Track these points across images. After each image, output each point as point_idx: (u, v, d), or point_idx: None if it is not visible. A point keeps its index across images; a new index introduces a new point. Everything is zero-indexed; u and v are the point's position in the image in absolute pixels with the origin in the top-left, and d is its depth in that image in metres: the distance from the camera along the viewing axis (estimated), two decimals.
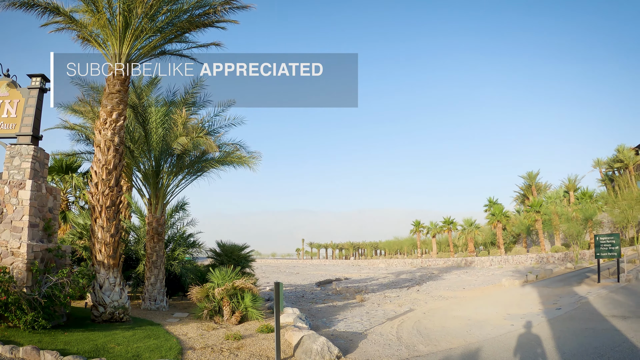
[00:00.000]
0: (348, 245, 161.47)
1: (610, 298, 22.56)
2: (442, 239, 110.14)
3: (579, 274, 36.12)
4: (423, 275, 53.57)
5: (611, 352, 12.57)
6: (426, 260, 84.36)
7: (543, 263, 57.38)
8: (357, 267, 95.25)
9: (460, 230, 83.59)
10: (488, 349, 14.13)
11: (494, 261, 66.41)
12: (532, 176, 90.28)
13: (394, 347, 14.81)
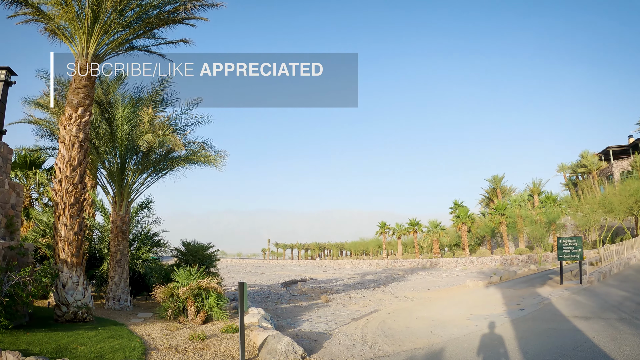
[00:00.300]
0: (314, 245, 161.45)
1: (572, 299, 22.90)
2: (408, 241, 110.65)
3: (542, 276, 36.59)
4: (388, 276, 53.76)
5: (573, 352, 12.73)
6: (392, 261, 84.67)
7: (507, 265, 58.05)
8: (322, 267, 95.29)
9: (426, 232, 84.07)
10: (452, 349, 14.22)
11: (458, 262, 67.04)
12: (498, 179, 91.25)
13: (358, 347, 14.83)
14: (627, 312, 18.02)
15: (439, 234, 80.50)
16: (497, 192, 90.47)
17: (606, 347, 12.89)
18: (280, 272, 74.51)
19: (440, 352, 13.81)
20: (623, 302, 20.71)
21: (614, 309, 19.07)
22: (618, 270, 33.08)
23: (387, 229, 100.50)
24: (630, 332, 14.44)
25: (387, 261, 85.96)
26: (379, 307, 25.14)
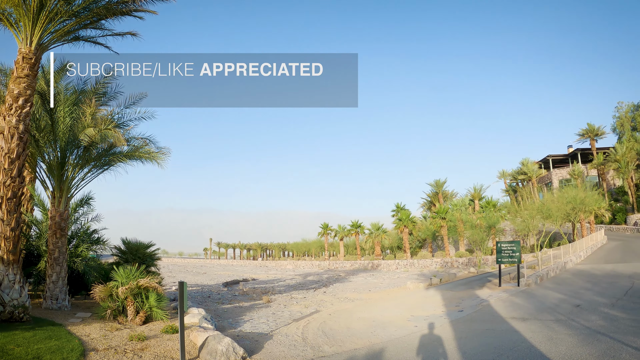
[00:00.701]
0: (256, 245, 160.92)
1: (510, 301, 23.30)
2: (350, 242, 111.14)
3: (482, 278, 37.20)
4: (330, 278, 53.91)
5: (510, 352, 12.96)
6: (333, 262, 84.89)
7: (447, 267, 58.76)
8: (264, 268, 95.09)
9: (368, 234, 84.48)
10: (391, 349, 14.34)
11: (400, 265, 67.57)
12: (440, 184, 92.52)
13: (299, 347, 14.85)
14: (563, 314, 18.43)
15: (381, 236, 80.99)
16: (439, 196, 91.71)
17: (542, 347, 13.17)
18: (221, 272, 74.01)
19: (380, 353, 13.91)
20: (559, 304, 21.17)
21: (550, 311, 19.48)
22: (555, 274, 33.79)
23: (330, 231, 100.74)
24: (566, 333, 14.78)
25: (329, 262, 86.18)
26: (320, 308, 25.20)
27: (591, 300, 21.64)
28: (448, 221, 68.31)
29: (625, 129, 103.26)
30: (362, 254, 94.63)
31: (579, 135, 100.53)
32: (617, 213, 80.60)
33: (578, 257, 42.75)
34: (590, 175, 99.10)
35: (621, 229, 75.54)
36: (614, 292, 23.47)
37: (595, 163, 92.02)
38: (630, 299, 20.75)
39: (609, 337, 13.71)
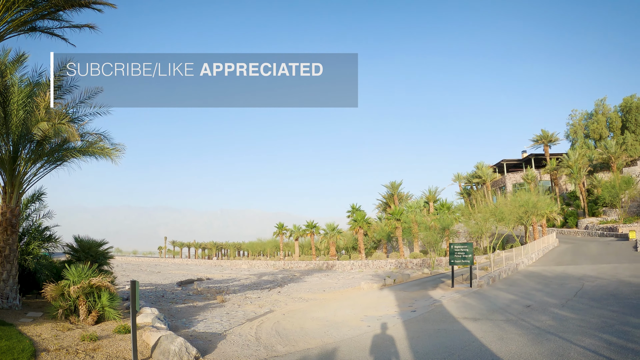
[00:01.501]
0: (211, 245, 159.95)
1: (462, 302, 23.62)
2: (305, 242, 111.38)
3: (435, 279, 37.57)
4: (285, 278, 53.92)
5: (461, 351, 13.16)
6: (289, 262, 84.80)
7: (402, 268, 59.22)
8: (219, 267, 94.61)
9: (323, 234, 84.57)
10: (344, 348, 14.44)
11: (354, 265, 67.83)
12: (395, 186, 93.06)
13: (252, 347, 14.86)
14: (514, 314, 18.74)
15: (336, 236, 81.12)
16: (394, 198, 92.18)
17: (493, 347, 13.39)
18: (176, 272, 73.51)
19: (333, 352, 14.00)
20: (510, 304, 21.51)
21: (501, 311, 19.80)
22: (507, 275, 34.28)
23: (285, 230, 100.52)
24: (516, 333, 15.04)
25: (284, 262, 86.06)
26: (275, 308, 25.22)
27: (542, 301, 22.04)
28: (403, 223, 68.70)
29: (579, 136, 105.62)
30: (317, 254, 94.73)
31: (533, 141, 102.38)
32: (569, 217, 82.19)
33: (530, 259, 43.42)
34: (543, 180, 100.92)
35: (572, 232, 77.02)
36: (564, 293, 23.92)
37: (548, 168, 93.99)
38: (579, 300, 21.17)
39: (558, 337, 13.99)
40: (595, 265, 36.14)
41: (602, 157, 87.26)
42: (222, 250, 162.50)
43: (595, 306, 19.24)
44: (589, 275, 30.42)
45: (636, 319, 15.80)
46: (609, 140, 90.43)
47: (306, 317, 21.67)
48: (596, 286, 25.40)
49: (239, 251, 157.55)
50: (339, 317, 21.31)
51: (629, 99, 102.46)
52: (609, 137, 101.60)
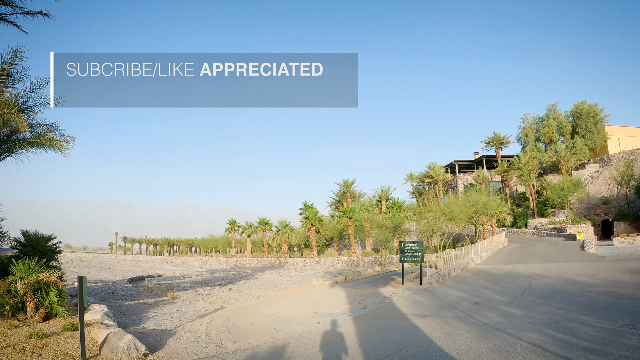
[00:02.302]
0: (163, 241, 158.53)
1: (412, 299, 23.85)
2: (258, 239, 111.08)
3: (386, 277, 37.83)
4: (237, 274, 53.65)
5: (409, 347, 13.28)
6: (241, 259, 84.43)
7: (353, 266, 59.35)
8: (171, 264, 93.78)
9: (275, 231, 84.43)
10: (294, 345, 14.45)
11: (306, 262, 67.81)
12: (348, 184, 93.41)
13: (202, 344, 14.76)
14: (463, 311, 18.99)
15: (288, 234, 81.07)
16: (347, 196, 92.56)
17: (441, 342, 13.55)
18: (127, 268, 72.61)
19: (282, 348, 14.00)
20: (459, 301, 21.79)
21: (450, 308, 20.05)
22: (457, 273, 34.70)
23: (237, 227, 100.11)
24: (464, 329, 15.24)
25: (236, 259, 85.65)
26: (225, 305, 25.07)
27: (490, 298, 22.38)
28: (355, 221, 68.87)
29: (530, 140, 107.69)
30: (269, 251, 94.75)
31: (485, 143, 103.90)
32: (519, 217, 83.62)
33: (479, 258, 44.06)
34: (494, 181, 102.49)
35: (522, 232, 78.31)
36: (512, 290, 24.34)
37: (499, 170, 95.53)
38: (526, 297, 21.56)
39: (505, 333, 14.23)
40: (544, 264, 36.82)
41: (552, 160, 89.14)
42: (174, 246, 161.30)
43: (542, 303, 19.63)
44: (537, 274, 30.98)
45: (581, 315, 16.16)
46: (559, 144, 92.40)
47: (257, 313, 21.61)
48: (543, 284, 25.90)
49: (191, 248, 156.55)
50: (290, 313, 21.30)
51: (579, 104, 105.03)
52: (559, 141, 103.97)
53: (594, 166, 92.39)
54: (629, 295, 19.72)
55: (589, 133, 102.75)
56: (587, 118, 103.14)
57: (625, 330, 13.22)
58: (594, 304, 18.32)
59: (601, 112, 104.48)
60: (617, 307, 17.13)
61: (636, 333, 12.80)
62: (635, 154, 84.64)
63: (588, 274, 29.17)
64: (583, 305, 18.39)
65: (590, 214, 76.76)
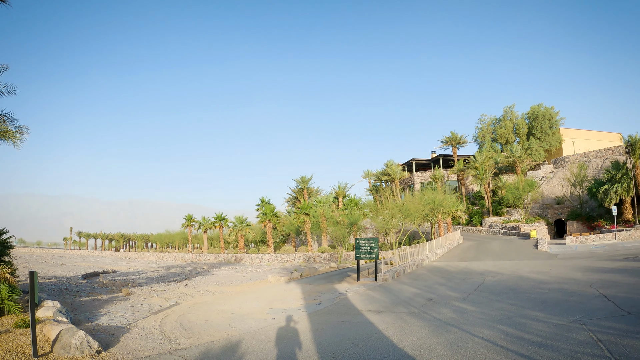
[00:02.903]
0: (118, 236, 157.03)
1: (367, 295, 24.03)
2: (214, 235, 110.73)
3: (341, 273, 38.07)
4: (193, 270, 53.45)
5: (363, 342, 13.38)
6: (197, 255, 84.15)
7: (310, 262, 59.47)
8: (126, 259, 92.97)
9: (232, 227, 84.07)
10: (248, 340, 14.45)
11: (263, 258, 67.92)
12: (305, 180, 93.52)
13: (156, 340, 14.67)
14: (417, 307, 19.18)
15: (245, 229, 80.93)
16: (304, 193, 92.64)
17: (394, 338, 13.67)
18: (81, 264, 71.71)
19: (237, 344, 13.98)
20: (414, 297, 22.00)
21: (405, 304, 20.22)
22: (412, 270, 34.97)
23: (194, 222, 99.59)
24: (417, 324, 15.39)
25: (193, 255, 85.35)
26: (181, 301, 24.94)
27: (444, 294, 22.63)
28: (311, 217, 69.07)
29: (486, 140, 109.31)
30: (226, 247, 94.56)
31: (443, 142, 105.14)
32: (474, 216, 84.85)
33: (435, 255, 44.53)
34: (450, 180, 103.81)
35: (477, 230, 79.38)
36: (466, 287, 24.65)
37: (455, 169, 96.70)
38: (480, 294, 21.85)
39: (457, 328, 14.41)
40: (498, 262, 37.37)
41: (508, 161, 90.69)
42: (129, 241, 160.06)
43: (495, 299, 19.92)
44: (491, 271, 31.43)
45: (533, 311, 16.43)
46: (515, 145, 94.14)
47: (212, 309, 21.54)
48: (497, 281, 26.28)
49: (147, 243, 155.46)
50: (245, 309, 21.28)
51: (536, 107, 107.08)
52: (515, 142, 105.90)
53: (548, 167, 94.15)
54: (579, 292, 20.11)
55: (545, 135, 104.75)
56: (543, 120, 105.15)
57: (575, 326, 13.49)
58: (545, 301, 18.65)
59: (557, 115, 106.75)
60: (568, 304, 17.46)
61: (586, 329, 13.07)
62: (589, 156, 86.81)
63: (541, 271, 29.67)
64: (535, 301, 18.71)
65: (544, 213, 78.24)
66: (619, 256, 34.63)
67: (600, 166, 79.44)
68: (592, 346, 11.33)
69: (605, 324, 13.44)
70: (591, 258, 35.18)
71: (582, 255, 38.13)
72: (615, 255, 35.89)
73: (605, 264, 30.21)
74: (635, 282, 21.60)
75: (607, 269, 27.87)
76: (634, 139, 58.79)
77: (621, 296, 18.10)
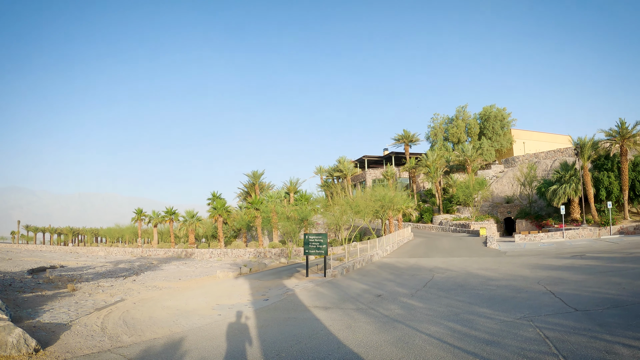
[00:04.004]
0: (67, 230, 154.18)
1: (315, 291, 24.00)
2: (165, 230, 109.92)
3: (291, 269, 38.06)
4: (142, 265, 52.91)
5: (308, 339, 13.20)
6: (147, 250, 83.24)
7: (260, 257, 59.43)
8: (75, 254, 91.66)
9: (182, 221, 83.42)
10: (191, 338, 14.20)
11: (213, 254, 67.69)
12: (257, 175, 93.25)
13: (97, 338, 14.30)
14: (365, 303, 19.08)
15: (195, 224, 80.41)
16: (256, 188, 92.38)
17: (340, 335, 13.51)
18: (29, 258, 70.52)
19: (179, 342, 13.70)
20: (362, 294, 21.90)
21: (352, 300, 20.14)
22: (361, 266, 34.98)
23: (144, 216, 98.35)
24: (364, 321, 15.27)
25: (143, 250, 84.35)
26: (126, 297, 24.60)
27: (393, 290, 22.57)
28: (262, 212, 69.03)
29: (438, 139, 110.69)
30: (176, 241, 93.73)
31: (395, 139, 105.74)
32: (425, 213, 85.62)
33: (385, 251, 44.65)
34: (402, 177, 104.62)
35: (427, 227, 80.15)
36: (414, 283, 24.63)
37: (407, 166, 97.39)
38: (428, 290, 21.83)
39: (405, 325, 14.30)
40: (447, 258, 37.57)
41: (459, 160, 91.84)
42: (79, 236, 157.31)
43: (444, 296, 19.91)
44: (440, 267, 31.53)
45: (481, 308, 16.42)
46: (466, 144, 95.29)
47: (157, 305, 21.19)
48: (446, 277, 26.33)
49: (96, 237, 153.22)
50: (191, 305, 20.98)
51: (488, 108, 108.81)
52: (466, 142, 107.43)
53: (499, 167, 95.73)
54: (527, 289, 20.21)
55: (496, 135, 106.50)
56: (494, 121, 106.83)
57: (523, 323, 13.49)
58: (493, 297, 18.68)
59: (509, 116, 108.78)
60: (516, 300, 17.51)
61: (533, 325, 13.07)
62: (539, 157, 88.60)
63: (489, 268, 29.85)
64: (483, 298, 18.73)
65: (493, 211, 79.28)
66: (566, 254, 35.10)
67: (550, 167, 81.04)
68: (539, 343, 11.30)
69: (552, 321, 13.47)
70: (539, 255, 35.56)
71: (530, 253, 38.55)
72: (563, 253, 36.38)
73: (553, 262, 30.54)
74: (581, 279, 21.81)
75: (554, 266, 28.17)
76: (583, 141, 59.99)
77: (568, 293, 18.23)
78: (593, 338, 11.41)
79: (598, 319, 13.25)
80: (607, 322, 12.83)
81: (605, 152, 61.66)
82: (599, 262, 28.37)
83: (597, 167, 60.73)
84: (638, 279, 20.45)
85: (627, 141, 56.59)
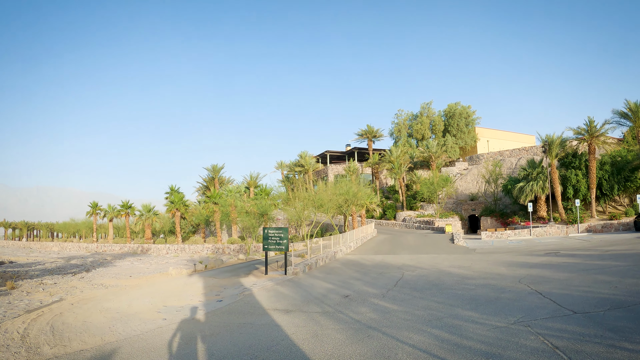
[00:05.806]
0: (22, 224, 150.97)
1: (275, 290, 22.30)
2: (121, 224, 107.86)
3: (249, 265, 36.72)
4: (95, 261, 51.05)
5: (267, 353, 11.03)
6: (102, 245, 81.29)
7: (219, 253, 58.18)
8: (28, 249, 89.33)
9: (139, 215, 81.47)
10: (126, 349, 11.96)
11: (170, 249, 66.38)
12: (217, 169, 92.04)
13: (12, 349, 12.05)
14: (331, 305, 17.09)
15: (152, 218, 78.72)
16: (215, 182, 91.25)
17: (306, 346, 11.37)
18: None
19: (109, 355, 11.45)
20: (327, 294, 20.04)
21: (317, 302, 18.16)
22: (324, 263, 33.64)
23: (99, 210, 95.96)
24: (333, 328, 13.20)
25: (97, 245, 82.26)
26: (66, 296, 22.56)
27: (361, 290, 20.74)
28: (221, 207, 67.64)
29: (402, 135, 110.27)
30: (133, 237, 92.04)
31: (358, 135, 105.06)
32: (388, 209, 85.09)
33: (348, 248, 43.44)
34: (365, 173, 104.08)
35: (391, 223, 79.49)
36: (384, 282, 22.92)
37: (370, 162, 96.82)
38: (401, 290, 20.02)
39: (381, 333, 12.24)
40: (414, 255, 36.37)
41: (423, 156, 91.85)
42: (34, 230, 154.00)
43: (419, 297, 18.01)
44: (409, 265, 30.10)
45: (465, 310, 14.52)
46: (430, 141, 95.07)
47: (96, 307, 18.99)
48: (417, 276, 24.70)
49: (52, 232, 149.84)
50: (134, 308, 18.78)
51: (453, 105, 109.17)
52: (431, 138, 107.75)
53: (463, 164, 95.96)
54: (510, 288, 18.51)
55: (461, 132, 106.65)
56: (459, 118, 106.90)
57: (520, 329, 11.56)
58: (475, 298, 16.84)
59: (473, 114, 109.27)
60: (502, 301, 15.68)
61: (533, 332, 11.17)
62: (504, 155, 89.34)
63: (462, 265, 28.38)
64: (464, 299, 16.87)
65: (458, 208, 79.09)
66: (539, 251, 33.95)
67: (515, 165, 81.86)
68: (549, 355, 9.33)
69: (553, 326, 11.60)
70: (511, 253, 34.41)
71: (500, 250, 37.42)
72: (535, 250, 35.26)
73: (528, 259, 29.24)
74: (565, 278, 20.22)
75: (531, 264, 26.79)
76: (551, 138, 59.82)
77: (557, 293, 16.52)
78: (611, 347, 9.55)
79: (605, 323, 11.44)
80: (618, 327, 11.02)
81: (572, 150, 62.10)
82: (578, 260, 27.01)
83: (565, 165, 60.81)
84: (627, 277, 18.92)
85: (595, 139, 56.44)
